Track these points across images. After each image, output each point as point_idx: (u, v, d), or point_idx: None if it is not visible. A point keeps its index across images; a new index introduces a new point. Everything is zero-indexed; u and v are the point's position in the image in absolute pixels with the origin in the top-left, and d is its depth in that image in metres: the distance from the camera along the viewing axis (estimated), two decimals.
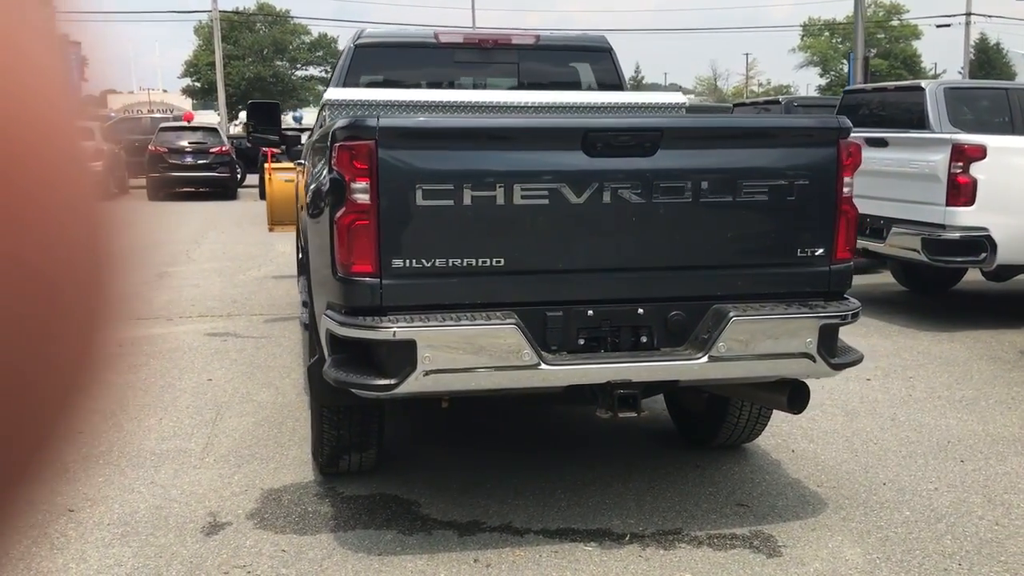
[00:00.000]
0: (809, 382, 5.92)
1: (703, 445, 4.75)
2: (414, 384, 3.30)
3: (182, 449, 4.81)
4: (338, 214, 3.36)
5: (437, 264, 3.38)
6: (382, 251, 3.33)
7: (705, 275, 3.63)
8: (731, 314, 3.49)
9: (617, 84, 5.79)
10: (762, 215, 3.63)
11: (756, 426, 4.56)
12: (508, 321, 3.34)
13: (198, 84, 71.21)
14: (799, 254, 3.66)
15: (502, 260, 3.43)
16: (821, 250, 3.67)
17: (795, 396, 3.80)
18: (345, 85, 5.47)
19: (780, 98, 13.74)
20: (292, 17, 75.86)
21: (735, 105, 15.22)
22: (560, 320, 3.49)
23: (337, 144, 3.36)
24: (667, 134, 3.48)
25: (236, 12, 62.45)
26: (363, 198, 3.29)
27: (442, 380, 3.34)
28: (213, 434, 5.04)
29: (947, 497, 4.21)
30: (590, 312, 3.53)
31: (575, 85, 5.79)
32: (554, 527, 3.88)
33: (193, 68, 71.92)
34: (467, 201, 3.35)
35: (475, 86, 5.60)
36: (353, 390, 3.41)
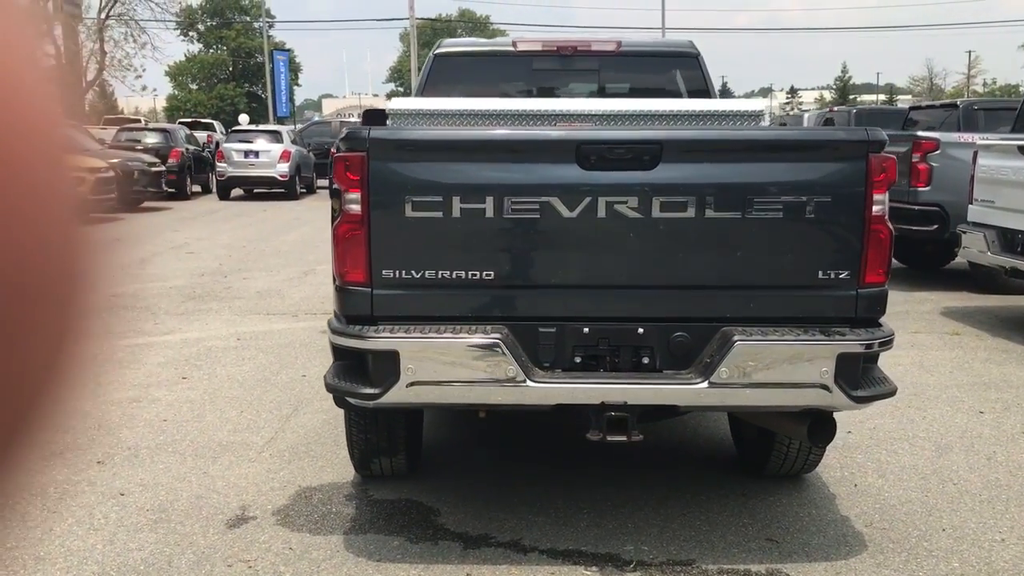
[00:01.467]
0: (907, 413, 5.53)
1: (757, 473, 4.50)
2: (397, 395, 3.32)
3: (247, 442, 5.04)
4: (335, 224, 3.43)
5: (427, 276, 3.38)
6: (373, 261, 3.37)
7: (712, 296, 3.44)
8: (735, 338, 3.29)
9: (704, 91, 5.57)
10: (777, 234, 3.39)
11: (810, 456, 4.27)
12: (492, 336, 3.29)
13: (401, 88, 74.34)
14: (820, 277, 3.39)
15: (492, 273, 3.38)
16: (846, 273, 3.39)
17: (816, 428, 3.53)
18: (424, 95, 5.56)
19: (958, 101, 12.72)
20: (492, 23, 77.84)
21: (911, 108, 14.25)
22: (553, 336, 3.40)
23: (335, 155, 3.43)
24: (668, 147, 3.32)
25: (434, 19, 64.58)
26: (355, 208, 3.34)
27: (425, 392, 3.33)
28: (281, 429, 5.25)
29: (1012, 550, 3.78)
30: (586, 330, 3.42)
31: (658, 92, 5.60)
32: (562, 548, 3.79)
33: (397, 73, 75.15)
34: (456, 213, 3.33)
35: (552, 94, 5.54)
36: (346, 397, 3.47)
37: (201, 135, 29.83)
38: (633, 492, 4.34)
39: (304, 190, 23.87)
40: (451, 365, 3.30)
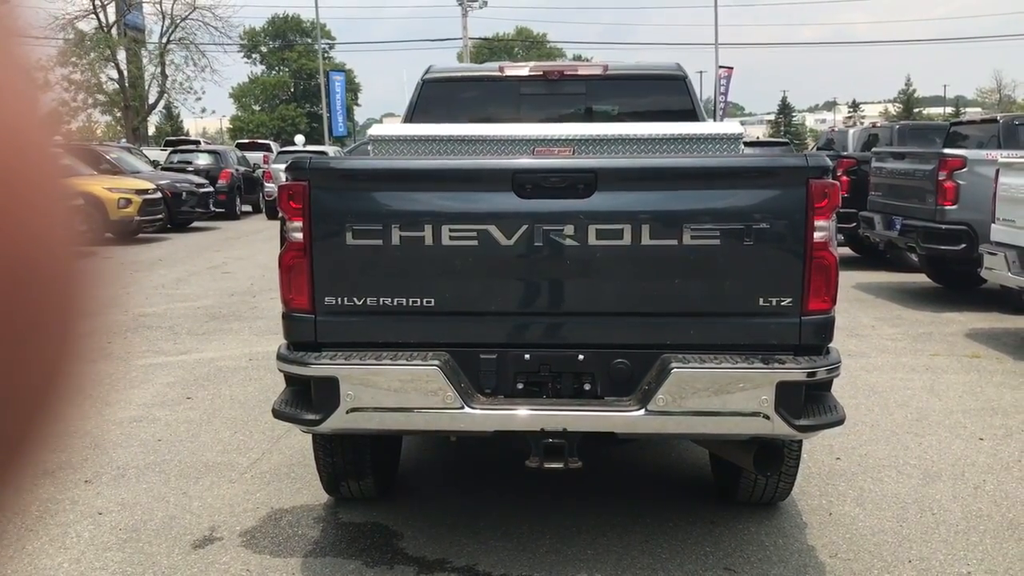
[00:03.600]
0: (903, 439, 5.40)
1: (730, 500, 4.44)
2: (338, 421, 3.37)
3: (232, 463, 5.13)
4: (281, 252, 3.50)
5: (369, 302, 3.43)
6: (316, 288, 3.43)
7: (651, 323, 3.42)
8: (672, 365, 3.27)
9: (691, 112, 5.54)
10: (716, 261, 3.36)
11: (780, 484, 4.21)
12: (431, 362, 3.32)
13: None
14: (761, 304, 3.36)
15: (432, 300, 3.42)
16: (788, 300, 3.35)
17: (762, 457, 3.48)
18: (412, 120, 5.63)
19: (999, 116, 12.41)
20: (548, 41, 78.12)
21: (951, 124, 13.92)
22: (494, 363, 3.42)
23: (279, 185, 3.51)
24: (603, 175, 3.32)
25: (489, 39, 64.93)
26: (298, 237, 3.41)
27: (365, 418, 3.37)
28: (269, 451, 5.33)
29: None
30: (527, 356, 3.43)
31: (645, 115, 5.59)
32: (515, 574, 3.79)
33: None
34: (396, 241, 3.38)
35: (538, 119, 5.55)
36: (291, 423, 3.53)
37: (258, 155, 30.32)
38: (602, 517, 4.31)
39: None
40: (390, 392, 3.34)
